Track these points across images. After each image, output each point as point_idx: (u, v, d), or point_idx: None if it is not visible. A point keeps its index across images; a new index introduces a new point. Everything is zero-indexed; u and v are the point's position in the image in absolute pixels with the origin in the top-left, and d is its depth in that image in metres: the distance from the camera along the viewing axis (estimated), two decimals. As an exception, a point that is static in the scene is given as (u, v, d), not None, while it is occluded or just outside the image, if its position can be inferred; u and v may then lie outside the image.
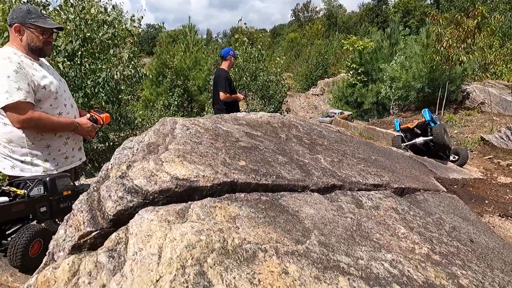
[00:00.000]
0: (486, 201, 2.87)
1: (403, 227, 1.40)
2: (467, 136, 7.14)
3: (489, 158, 5.49)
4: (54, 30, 2.12)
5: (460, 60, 8.23)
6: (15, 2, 5.49)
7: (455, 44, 8.01)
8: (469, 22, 7.94)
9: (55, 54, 6.06)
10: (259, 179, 1.41)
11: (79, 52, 6.77)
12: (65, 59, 6.41)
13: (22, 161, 2.02)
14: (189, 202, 1.15)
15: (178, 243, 0.85)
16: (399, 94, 10.11)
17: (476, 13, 8.01)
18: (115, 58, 7.61)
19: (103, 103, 7.42)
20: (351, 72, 13.76)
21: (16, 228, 1.57)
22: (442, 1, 44.98)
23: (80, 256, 0.93)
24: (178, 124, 1.85)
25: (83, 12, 6.97)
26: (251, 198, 1.28)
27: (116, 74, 7.60)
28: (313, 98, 25.76)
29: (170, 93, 16.05)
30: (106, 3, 8.08)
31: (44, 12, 2.10)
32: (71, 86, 6.49)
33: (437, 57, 8.67)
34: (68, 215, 1.15)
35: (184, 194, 1.18)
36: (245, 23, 15.56)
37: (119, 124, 8.85)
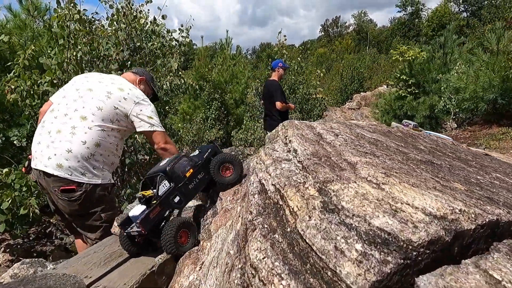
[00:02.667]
0: None
1: None
2: None
3: None
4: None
5: (546, 67, 7.36)
6: (70, 11, 5.40)
7: (538, 49, 7.15)
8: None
9: (107, 62, 5.88)
10: (513, 215, 0.85)
11: (129, 62, 6.60)
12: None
13: (94, 167, 2.08)
14: (466, 263, 0.61)
15: None
16: (466, 106, 9.22)
17: None
18: (164, 68, 7.42)
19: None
20: (400, 84, 12.96)
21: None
22: (484, 13, 43.09)
23: None
24: (320, 129, 1.33)
25: (134, 21, 6.84)
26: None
27: (166, 84, 7.38)
28: (350, 112, 24.88)
29: (208, 106, 15.96)
30: (157, 15, 7.96)
31: None
32: (120, 96, 6.32)
33: (515, 64, 7.81)
34: (266, 275, 0.64)
35: (447, 244, 0.65)
36: (284, 35, 15.21)
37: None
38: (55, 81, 4.72)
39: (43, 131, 2.06)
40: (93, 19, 6.94)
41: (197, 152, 1.91)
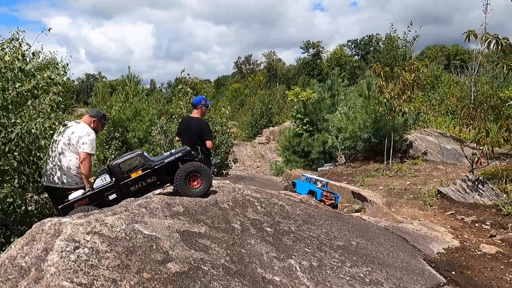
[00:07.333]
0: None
1: None
2: (420, 188, 7.06)
3: (451, 214, 5.25)
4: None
5: (403, 110, 8.58)
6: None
7: (396, 96, 8.35)
8: (407, 75, 8.41)
9: None
10: None
11: (-16, 106, 5.62)
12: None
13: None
14: None
15: None
16: (347, 144, 10.15)
17: (413, 67, 8.57)
18: (34, 111, 6.50)
19: (16, 164, 6.16)
20: (296, 122, 13.85)
21: None
22: (369, 57, 50.31)
23: None
24: (60, 239, 1.07)
25: (-14, 59, 5.93)
26: None
27: (35, 127, 6.44)
28: (259, 147, 25.74)
29: (107, 146, 14.76)
30: (28, 50, 7.12)
31: None
32: (-27, 144, 5.32)
33: (380, 108, 8.93)
34: None
35: None
36: (188, 74, 15.25)
37: (37, 188, 7.42)
38: None
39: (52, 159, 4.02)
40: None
41: (167, 153, 1.93)
